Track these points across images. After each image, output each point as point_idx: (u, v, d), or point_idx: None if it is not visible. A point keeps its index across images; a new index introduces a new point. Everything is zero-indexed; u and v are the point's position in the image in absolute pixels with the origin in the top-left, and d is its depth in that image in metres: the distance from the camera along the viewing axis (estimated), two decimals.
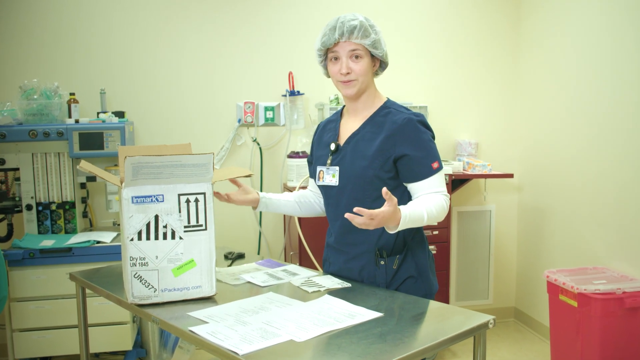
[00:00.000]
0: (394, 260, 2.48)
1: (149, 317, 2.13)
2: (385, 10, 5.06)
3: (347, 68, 2.45)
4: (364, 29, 2.42)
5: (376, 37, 2.45)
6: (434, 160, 2.42)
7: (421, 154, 2.41)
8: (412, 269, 2.50)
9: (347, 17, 2.44)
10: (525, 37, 5.24)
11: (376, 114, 2.52)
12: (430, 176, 2.41)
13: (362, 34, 2.42)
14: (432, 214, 2.34)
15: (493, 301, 5.49)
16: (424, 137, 2.43)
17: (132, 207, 2.14)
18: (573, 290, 3.79)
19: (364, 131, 2.51)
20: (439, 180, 2.43)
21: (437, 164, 2.42)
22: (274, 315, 2.03)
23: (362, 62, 2.45)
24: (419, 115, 2.47)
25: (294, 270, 2.69)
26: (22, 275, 3.79)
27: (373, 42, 2.44)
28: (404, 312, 2.11)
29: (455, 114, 5.29)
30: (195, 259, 2.23)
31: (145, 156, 2.08)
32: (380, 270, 2.48)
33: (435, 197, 2.39)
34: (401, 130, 2.42)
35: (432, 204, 2.35)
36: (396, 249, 2.49)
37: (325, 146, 2.63)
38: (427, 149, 2.42)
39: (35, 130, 3.93)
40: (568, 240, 4.67)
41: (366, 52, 2.46)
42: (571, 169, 4.61)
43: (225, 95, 4.87)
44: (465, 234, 5.35)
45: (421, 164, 2.40)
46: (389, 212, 2.14)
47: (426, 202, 2.35)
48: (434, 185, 2.41)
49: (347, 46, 2.44)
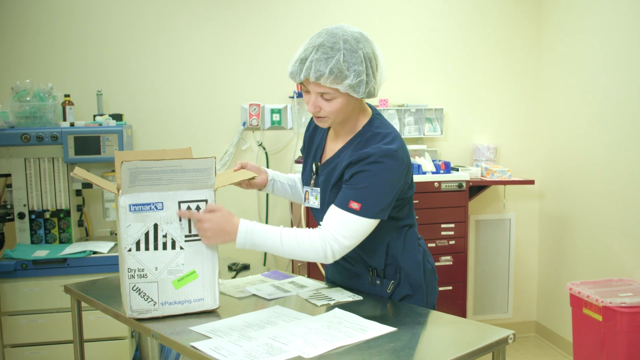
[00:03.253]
0: (389, 285, 2.47)
1: (148, 331, 2.13)
2: (399, 6, 5.06)
3: (315, 107, 2.27)
4: (336, 74, 2.15)
5: (355, 79, 2.17)
6: (358, 200, 2.17)
7: (352, 187, 2.21)
8: (406, 289, 2.47)
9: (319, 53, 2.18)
10: (547, 34, 5.24)
11: (354, 139, 2.36)
12: (339, 208, 2.20)
13: (334, 80, 2.16)
14: (291, 247, 2.21)
15: (513, 315, 5.47)
16: (371, 174, 2.19)
17: (130, 215, 2.14)
18: (598, 304, 3.78)
19: (339, 158, 2.38)
20: (343, 222, 2.19)
21: (358, 207, 2.16)
22: (281, 330, 2.03)
23: (334, 102, 2.24)
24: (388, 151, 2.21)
25: (302, 282, 2.68)
26: (13, 287, 3.79)
27: (349, 86, 2.18)
28: (418, 327, 2.11)
29: (473, 117, 5.29)
30: (197, 270, 2.23)
31: (143, 161, 2.08)
32: (376, 289, 2.48)
33: (314, 232, 2.22)
34: (357, 159, 2.23)
35: (297, 237, 2.21)
36: (389, 273, 2.46)
37: (311, 160, 2.56)
38: (361, 187, 2.19)
39: (27, 134, 3.93)
40: (592, 250, 4.65)
41: (340, 93, 2.22)
42: (596, 175, 4.60)
43: (229, 97, 4.88)
44: (483, 244, 5.34)
45: (343, 194, 2.22)
46: (217, 216, 2.17)
47: (291, 232, 2.22)
48: (332, 221, 2.21)
49: (316, 88, 2.23)
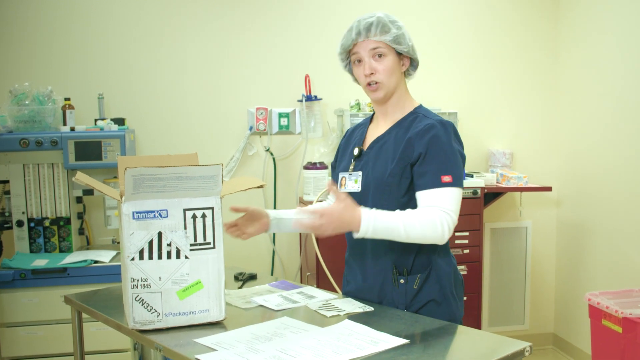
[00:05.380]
0: (415, 280, 2.47)
1: (151, 344, 2.13)
2: (412, 7, 5.06)
3: (371, 68, 2.47)
4: (382, 25, 2.44)
5: (398, 31, 2.47)
6: (447, 173, 2.35)
7: (433, 162, 2.37)
8: (435, 291, 2.47)
9: (364, 16, 2.49)
10: (564, 35, 5.23)
11: (404, 119, 2.54)
12: (435, 188, 2.35)
13: (381, 30, 2.44)
14: (413, 228, 2.28)
15: (529, 326, 5.45)
16: (443, 145, 2.39)
17: (133, 223, 2.15)
18: (617, 315, 3.77)
19: (389, 136, 2.52)
20: (445, 196, 2.34)
21: (450, 179, 2.34)
22: (289, 342, 2.03)
23: (386, 60, 2.48)
24: (446, 122, 2.45)
25: (311, 293, 2.68)
26: (12, 298, 3.80)
27: (395, 37, 2.46)
28: (431, 339, 2.11)
29: (488, 121, 5.28)
30: (203, 280, 2.23)
31: (148, 167, 2.09)
32: (400, 289, 2.47)
33: (428, 210, 2.32)
34: (421, 135, 2.41)
35: (417, 218, 2.29)
36: (418, 266, 2.48)
37: (350, 152, 2.66)
38: (442, 159, 2.37)
39: (26, 138, 3.95)
40: (612, 259, 4.63)
41: (389, 49, 2.48)
42: (615, 181, 4.58)
43: (235, 101, 4.89)
44: (498, 253, 5.33)
45: (429, 172, 2.37)
46: (337, 210, 2.19)
47: (409, 214, 2.31)
48: (436, 200, 2.34)
49: (367, 45, 2.47)
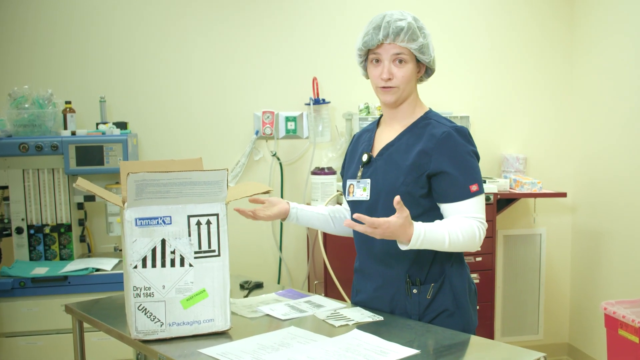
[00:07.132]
0: (429, 289, 2.47)
1: (154, 354, 2.14)
2: (423, 7, 5.04)
3: (389, 73, 2.45)
4: (412, 31, 2.42)
5: (424, 41, 2.45)
6: (473, 181, 2.39)
7: (459, 173, 2.39)
8: (449, 301, 2.48)
9: (395, 16, 2.44)
10: (580, 39, 5.23)
11: (415, 125, 2.53)
12: (465, 199, 2.38)
13: (410, 37, 2.42)
14: (457, 239, 2.32)
15: (544, 336, 5.44)
16: (463, 154, 2.42)
17: (136, 230, 2.16)
18: (634, 324, 3.76)
19: (399, 142, 2.52)
20: (476, 205, 2.40)
21: (477, 187, 2.39)
22: (296, 352, 2.03)
23: (406, 67, 2.46)
24: (461, 129, 2.46)
25: (319, 302, 2.68)
26: (11, 307, 3.81)
27: (420, 46, 2.44)
28: (442, 349, 2.10)
29: (501, 125, 5.28)
30: (207, 289, 2.24)
31: (151, 173, 2.09)
32: (413, 299, 2.47)
33: (467, 221, 2.37)
34: (439, 144, 2.41)
35: (459, 229, 2.33)
36: (431, 275, 2.48)
37: (358, 158, 2.64)
38: (465, 168, 2.40)
39: (26, 143, 3.95)
40: (629, 267, 4.62)
41: (411, 56, 2.46)
42: (632, 188, 4.57)
43: (241, 104, 4.89)
44: (512, 261, 5.32)
45: (457, 184, 2.39)
46: (396, 224, 2.17)
47: (452, 225, 2.34)
48: (469, 210, 2.39)
49: (391, 49, 2.44)
